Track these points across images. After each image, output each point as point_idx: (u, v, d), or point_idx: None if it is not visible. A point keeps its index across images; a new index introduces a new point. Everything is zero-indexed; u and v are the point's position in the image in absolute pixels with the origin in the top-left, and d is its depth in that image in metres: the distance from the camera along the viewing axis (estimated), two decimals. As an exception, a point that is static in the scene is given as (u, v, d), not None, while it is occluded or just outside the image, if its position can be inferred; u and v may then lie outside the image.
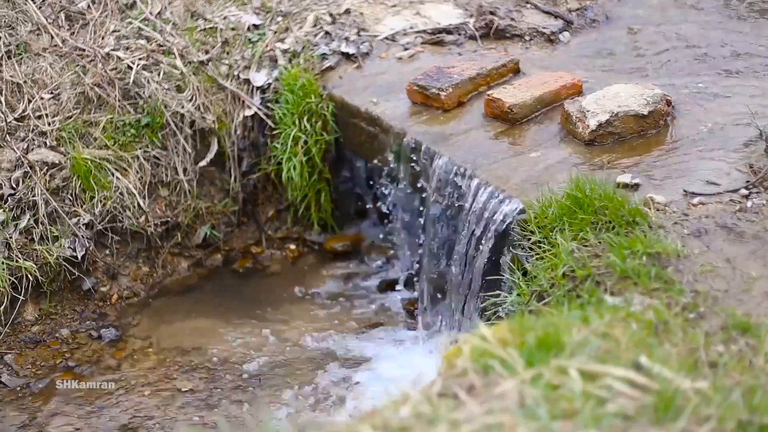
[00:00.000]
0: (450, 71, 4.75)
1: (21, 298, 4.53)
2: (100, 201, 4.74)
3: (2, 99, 4.72)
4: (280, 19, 5.38)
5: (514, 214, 3.86)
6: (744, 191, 3.63)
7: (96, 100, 4.88)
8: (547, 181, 3.92)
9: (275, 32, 5.32)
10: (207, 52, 5.17)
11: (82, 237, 4.68)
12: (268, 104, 5.13)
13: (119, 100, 4.89)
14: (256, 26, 5.33)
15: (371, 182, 5.05)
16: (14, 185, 4.59)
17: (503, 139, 4.36)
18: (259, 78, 5.16)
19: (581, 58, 5.02)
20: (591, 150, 4.12)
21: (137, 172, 4.88)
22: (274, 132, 5.10)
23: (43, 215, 4.59)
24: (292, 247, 5.33)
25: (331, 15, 5.42)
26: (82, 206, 4.72)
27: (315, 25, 5.36)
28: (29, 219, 4.58)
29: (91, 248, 4.74)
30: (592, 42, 5.17)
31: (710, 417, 2.17)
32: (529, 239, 3.61)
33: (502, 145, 4.33)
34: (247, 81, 5.17)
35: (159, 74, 5.01)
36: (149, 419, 4.22)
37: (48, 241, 4.60)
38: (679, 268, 3.19)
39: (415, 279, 4.88)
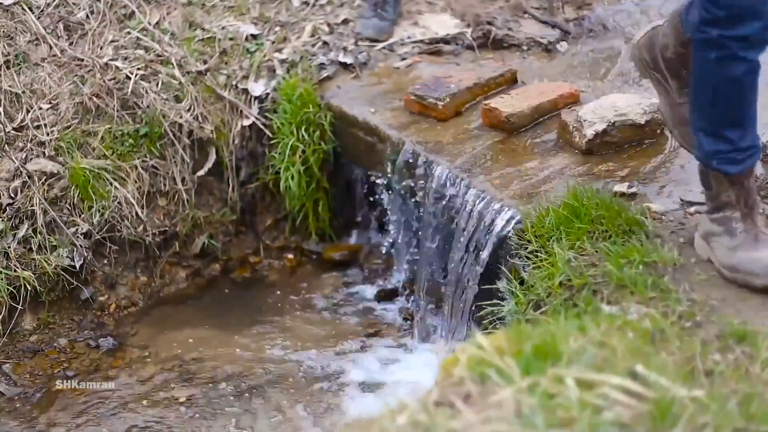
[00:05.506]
0: (447, 81, 4.76)
1: (19, 307, 4.53)
2: (99, 211, 4.74)
3: (1, 109, 4.73)
4: (278, 29, 5.40)
5: (511, 224, 3.87)
6: (741, 200, 3.63)
7: (94, 110, 4.88)
8: (544, 191, 3.93)
9: (273, 42, 5.32)
10: (205, 62, 5.18)
11: (81, 247, 4.68)
12: (266, 114, 5.13)
13: (118, 110, 4.89)
14: (254, 36, 5.34)
15: (369, 191, 5.05)
16: (12, 195, 4.60)
17: (500, 149, 4.37)
18: (257, 88, 5.17)
19: (579, 67, 5.03)
20: (588, 159, 4.12)
21: (135, 182, 4.88)
22: (272, 142, 5.10)
23: (42, 225, 4.60)
24: (291, 256, 5.33)
25: (329, 25, 5.43)
26: (80, 216, 4.72)
27: (313, 35, 5.37)
28: (27, 229, 4.58)
29: (89, 258, 4.75)
30: (590, 52, 5.18)
31: (707, 425, 2.18)
32: (526, 248, 3.62)
33: (499, 154, 4.34)
34: (245, 91, 5.17)
35: (157, 84, 5.01)
36: (147, 429, 4.22)
37: (46, 250, 4.60)
38: (675, 276, 3.20)
39: (412, 288, 4.88)
